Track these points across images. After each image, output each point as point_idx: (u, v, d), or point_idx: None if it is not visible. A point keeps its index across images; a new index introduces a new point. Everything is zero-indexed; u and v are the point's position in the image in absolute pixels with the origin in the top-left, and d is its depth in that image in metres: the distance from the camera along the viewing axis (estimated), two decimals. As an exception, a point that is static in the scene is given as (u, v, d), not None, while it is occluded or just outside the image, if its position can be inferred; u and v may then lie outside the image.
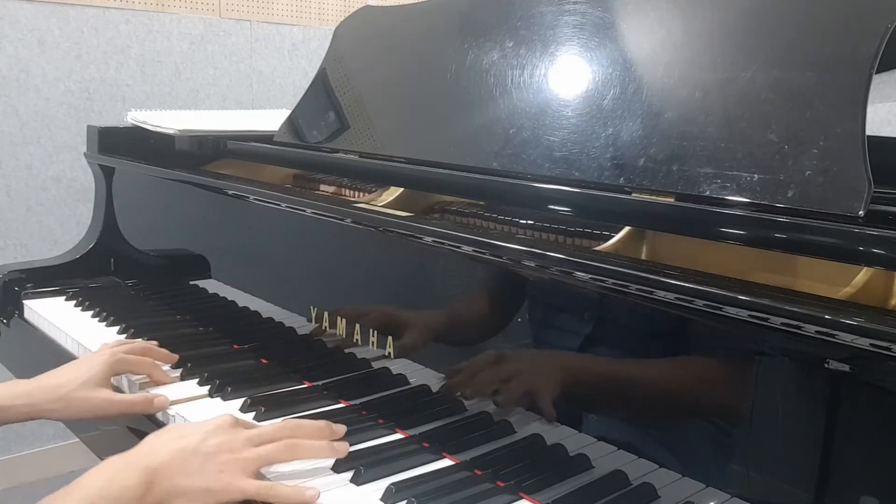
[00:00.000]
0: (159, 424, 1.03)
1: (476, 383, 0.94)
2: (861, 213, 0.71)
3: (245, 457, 0.81)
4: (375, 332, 1.05)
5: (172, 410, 1.02)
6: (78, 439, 1.26)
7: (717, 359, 0.74)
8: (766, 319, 0.66)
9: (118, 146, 1.62)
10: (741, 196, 0.79)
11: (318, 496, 0.80)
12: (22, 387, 1.03)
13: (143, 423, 1.05)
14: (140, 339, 1.20)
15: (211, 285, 1.41)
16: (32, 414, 1.02)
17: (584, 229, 0.95)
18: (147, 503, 0.75)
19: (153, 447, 0.81)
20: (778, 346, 0.68)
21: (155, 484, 0.76)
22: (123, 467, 0.77)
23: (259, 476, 0.83)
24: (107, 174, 1.64)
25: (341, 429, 0.90)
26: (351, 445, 0.89)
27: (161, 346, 1.19)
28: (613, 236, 0.88)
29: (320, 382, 1.08)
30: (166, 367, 1.14)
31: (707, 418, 0.76)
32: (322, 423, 0.89)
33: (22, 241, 2.33)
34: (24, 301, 1.48)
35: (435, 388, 0.98)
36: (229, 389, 1.05)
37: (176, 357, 1.15)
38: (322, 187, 1.38)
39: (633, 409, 0.82)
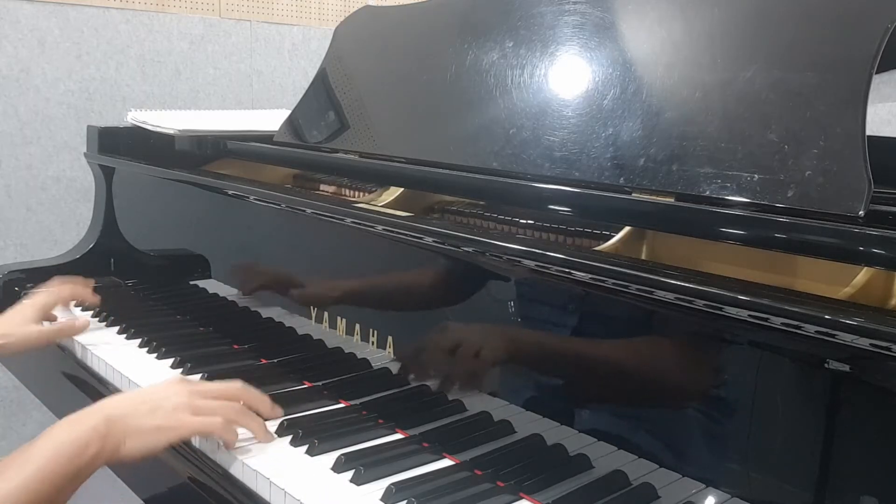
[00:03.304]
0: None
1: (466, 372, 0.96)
2: (861, 213, 0.71)
3: (193, 403, 0.90)
4: (375, 331, 1.05)
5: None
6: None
7: (717, 359, 0.74)
8: (766, 319, 0.66)
9: (118, 146, 1.62)
10: (741, 196, 0.79)
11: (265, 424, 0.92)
12: None
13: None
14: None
15: (211, 285, 1.41)
16: None
17: (584, 229, 0.95)
18: (106, 445, 0.83)
19: (110, 399, 0.91)
20: (778, 346, 0.68)
21: (112, 427, 0.84)
22: (84, 415, 0.86)
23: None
24: (107, 174, 1.63)
25: (279, 410, 0.97)
26: (351, 445, 0.90)
27: (160, 345, 1.20)
28: (613, 236, 0.88)
29: (320, 382, 1.08)
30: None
31: (707, 418, 0.75)
32: (265, 396, 0.97)
33: (22, 241, 2.33)
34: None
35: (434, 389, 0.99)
36: (229, 389, 1.05)
37: (91, 293, 1.34)
38: (322, 187, 1.38)
39: (634, 409, 0.82)
